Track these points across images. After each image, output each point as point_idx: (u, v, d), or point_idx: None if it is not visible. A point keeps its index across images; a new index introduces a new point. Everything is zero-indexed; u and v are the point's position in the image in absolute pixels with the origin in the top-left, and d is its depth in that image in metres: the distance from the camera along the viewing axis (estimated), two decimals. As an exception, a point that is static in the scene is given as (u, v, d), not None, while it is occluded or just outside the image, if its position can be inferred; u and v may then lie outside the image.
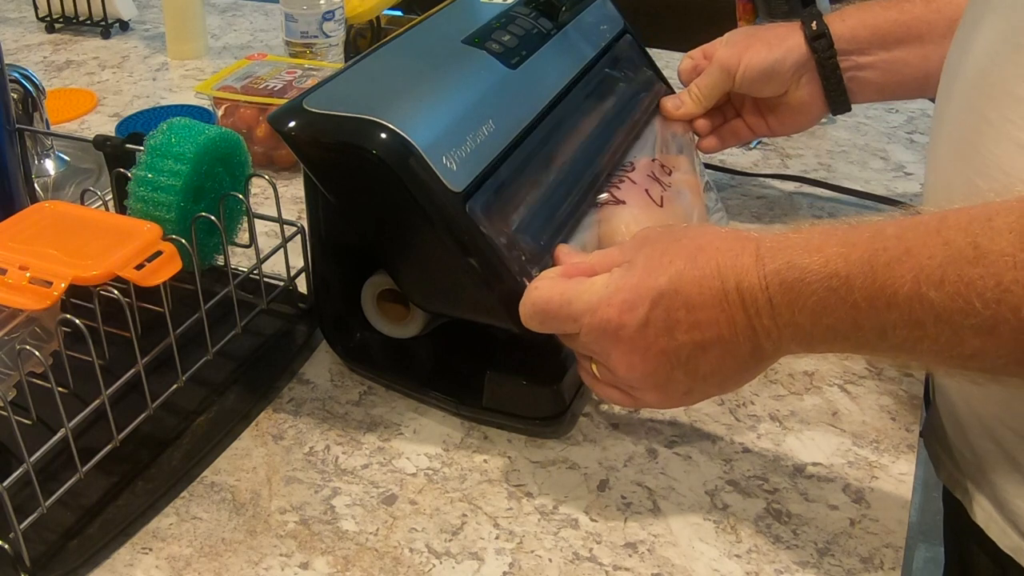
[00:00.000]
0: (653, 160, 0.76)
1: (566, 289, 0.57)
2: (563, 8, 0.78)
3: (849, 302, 0.48)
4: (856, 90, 0.82)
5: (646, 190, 0.72)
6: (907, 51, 0.64)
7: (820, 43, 0.80)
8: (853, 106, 0.83)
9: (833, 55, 0.80)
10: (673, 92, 0.88)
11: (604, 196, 0.70)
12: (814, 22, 0.80)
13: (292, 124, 0.59)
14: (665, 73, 0.91)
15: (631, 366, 0.55)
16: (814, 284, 0.49)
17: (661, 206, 0.72)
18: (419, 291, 0.65)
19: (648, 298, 0.53)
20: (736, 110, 0.88)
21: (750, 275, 0.51)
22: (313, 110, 0.59)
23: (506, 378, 0.64)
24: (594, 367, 0.58)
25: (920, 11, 0.64)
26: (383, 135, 0.57)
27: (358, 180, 0.60)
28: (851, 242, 0.49)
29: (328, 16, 1.08)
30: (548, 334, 0.58)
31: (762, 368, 0.55)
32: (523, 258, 0.61)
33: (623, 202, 0.70)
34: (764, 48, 0.81)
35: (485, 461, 0.63)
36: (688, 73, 0.86)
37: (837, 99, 0.83)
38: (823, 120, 0.96)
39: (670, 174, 0.75)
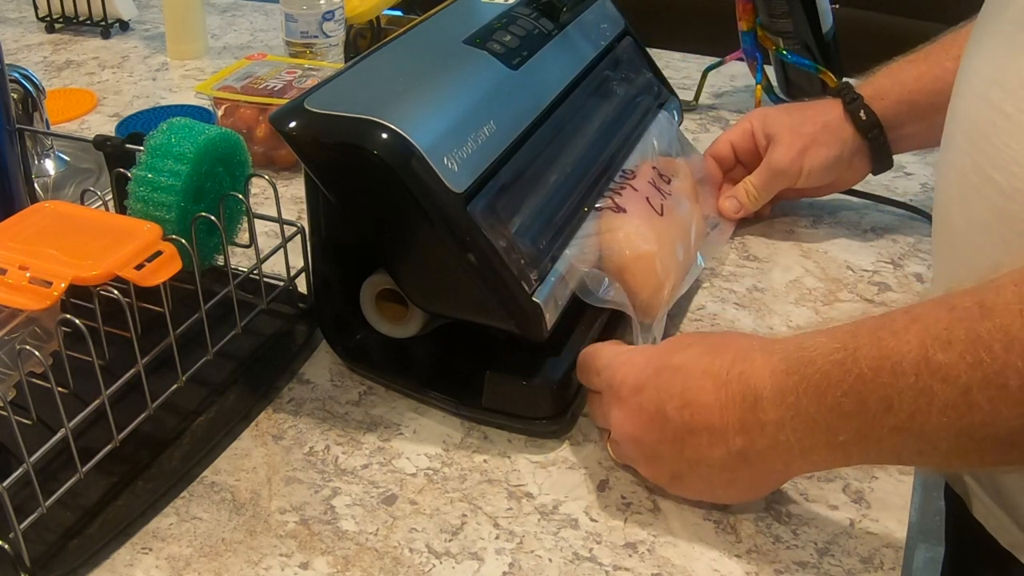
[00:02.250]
0: (653, 167, 0.76)
1: (601, 346, 0.63)
2: (564, 8, 0.78)
3: (854, 373, 0.47)
4: (897, 150, 0.85)
5: (647, 198, 0.72)
6: (944, 114, 0.65)
7: (874, 133, 0.82)
8: None
9: (885, 140, 0.82)
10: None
11: (605, 202, 0.70)
12: (862, 111, 0.81)
13: (293, 124, 0.59)
14: (665, 73, 0.91)
15: (622, 426, 0.58)
16: (819, 360, 0.49)
17: (661, 215, 0.71)
18: (419, 291, 0.65)
19: (653, 366, 0.56)
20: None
21: (756, 368, 0.52)
22: (314, 110, 0.59)
23: (506, 378, 0.64)
24: (609, 437, 0.61)
25: (952, 76, 0.64)
26: (384, 135, 0.57)
27: (359, 180, 0.60)
28: (860, 322, 0.49)
29: (328, 16, 1.08)
30: (548, 337, 0.59)
31: (759, 479, 0.55)
32: (522, 261, 0.61)
33: (624, 210, 0.70)
34: (823, 149, 0.83)
35: (485, 461, 0.63)
36: (718, 170, 0.87)
37: (883, 166, 0.85)
38: None
39: (669, 182, 0.75)
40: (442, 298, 0.65)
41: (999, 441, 0.45)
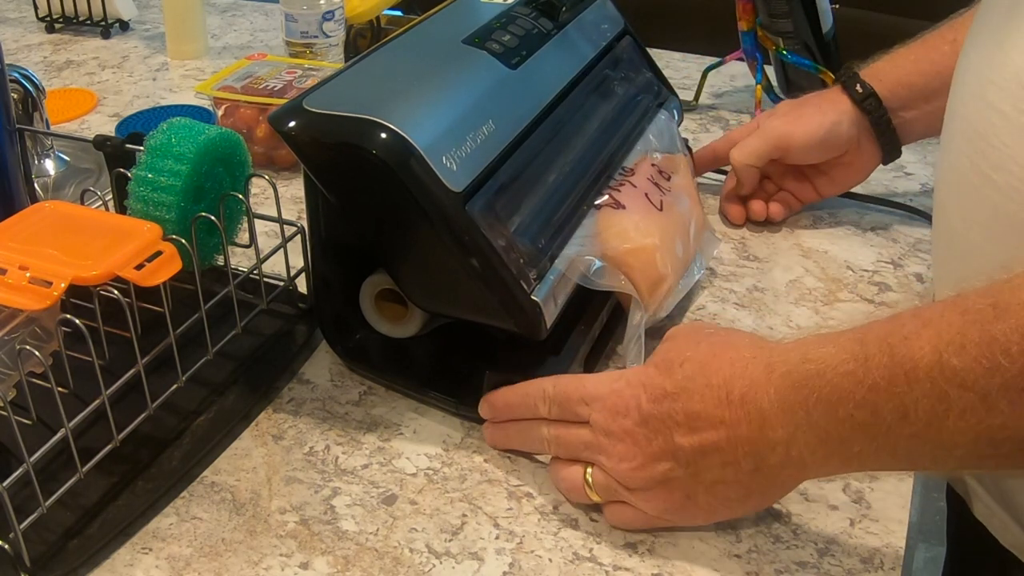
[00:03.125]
0: (653, 164, 0.76)
1: (582, 376, 0.60)
2: (563, 8, 0.78)
3: (867, 384, 0.46)
4: (904, 137, 0.84)
5: (646, 194, 0.72)
6: (945, 100, 0.65)
7: (870, 103, 0.82)
8: None
9: (885, 112, 0.82)
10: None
11: (604, 199, 0.70)
12: (857, 84, 0.82)
13: (292, 124, 0.59)
14: (665, 73, 0.91)
15: (630, 456, 0.54)
16: (828, 373, 0.47)
17: (661, 210, 0.72)
18: (418, 291, 0.65)
19: (651, 395, 0.54)
20: (776, 184, 0.89)
21: (758, 386, 0.50)
22: (313, 110, 0.59)
23: (505, 377, 0.64)
24: (587, 473, 0.57)
25: (950, 59, 0.64)
26: (383, 135, 0.57)
27: (358, 180, 0.60)
28: (866, 328, 0.48)
29: (328, 16, 1.08)
30: (547, 336, 0.59)
31: (774, 489, 0.54)
32: (522, 260, 0.61)
33: (623, 206, 0.70)
34: (817, 115, 0.83)
35: (485, 461, 0.63)
36: (707, 162, 0.89)
37: (891, 151, 0.85)
38: None
39: (669, 179, 0.75)
40: (441, 297, 0.65)
41: (1019, 444, 0.44)
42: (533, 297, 0.60)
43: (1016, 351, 0.42)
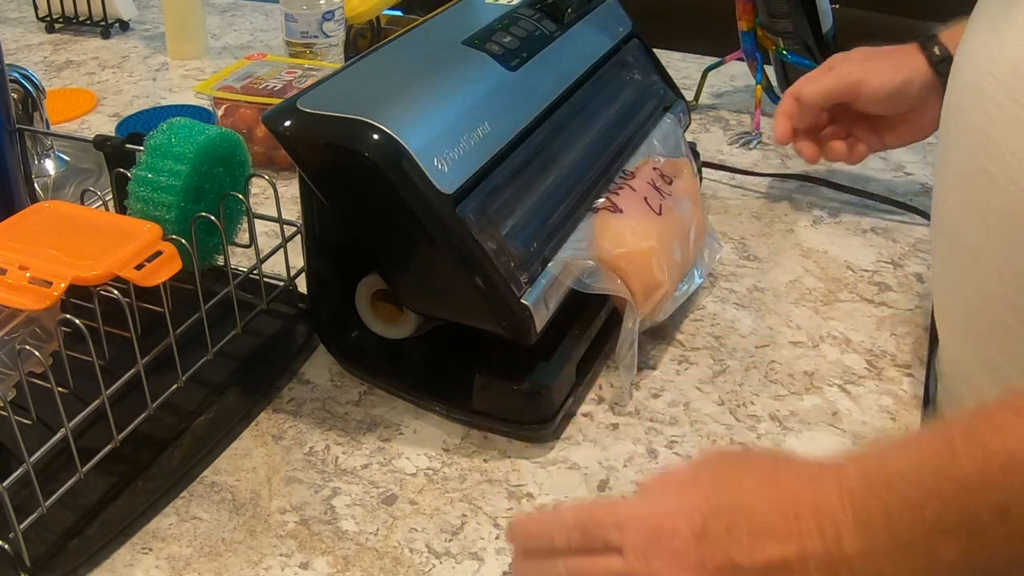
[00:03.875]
0: (655, 168, 0.76)
1: (610, 499, 0.52)
2: (568, 10, 0.77)
3: (956, 479, 0.40)
4: None
5: (645, 198, 0.71)
6: None
7: (943, 66, 0.80)
8: None
9: None
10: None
11: (601, 201, 0.70)
12: (936, 47, 0.81)
13: (285, 124, 0.59)
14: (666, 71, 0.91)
15: None
16: (910, 472, 0.42)
17: (660, 214, 0.71)
18: (409, 292, 0.65)
19: (707, 509, 0.46)
20: (845, 129, 0.88)
21: (830, 494, 0.44)
22: (306, 110, 0.59)
23: (495, 382, 0.64)
24: None
25: None
26: (374, 136, 0.57)
27: (350, 181, 0.60)
28: (948, 424, 0.44)
29: (328, 16, 1.08)
30: (537, 340, 0.57)
31: None
32: (512, 264, 0.61)
33: (621, 210, 0.70)
34: (891, 68, 0.82)
35: (485, 461, 0.63)
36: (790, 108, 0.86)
37: None
38: None
39: (671, 183, 0.75)
40: (432, 300, 0.65)
41: None
42: (523, 301, 0.60)
43: None
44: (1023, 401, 0.41)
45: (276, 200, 0.70)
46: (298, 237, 0.71)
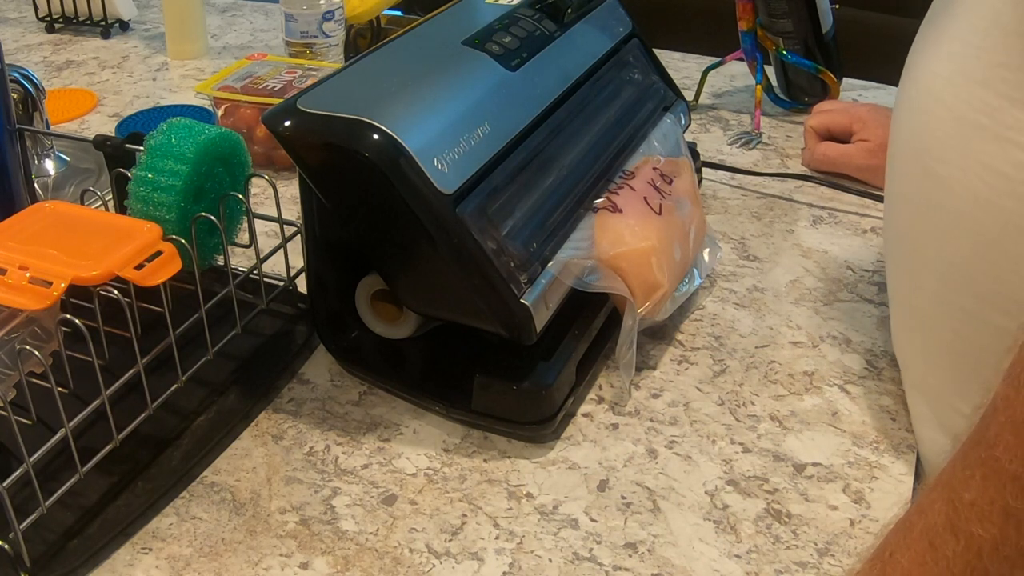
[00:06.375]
0: (654, 168, 0.76)
1: None
2: (568, 10, 0.78)
3: None
4: None
5: (644, 198, 0.71)
6: None
7: None
8: None
9: None
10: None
11: (601, 201, 0.70)
12: None
13: (285, 124, 0.59)
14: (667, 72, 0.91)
15: None
16: None
17: (659, 214, 0.71)
18: (409, 292, 0.65)
19: None
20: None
21: None
22: (306, 110, 0.59)
23: (495, 382, 0.64)
24: None
25: None
26: (374, 136, 0.57)
27: (349, 180, 0.60)
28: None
29: (328, 16, 1.08)
30: (537, 340, 0.57)
31: None
32: (512, 264, 0.61)
33: (620, 210, 0.70)
34: None
35: (485, 461, 0.63)
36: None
37: None
38: None
39: (671, 183, 0.75)
40: (431, 300, 0.65)
41: None
42: (523, 301, 0.60)
43: None
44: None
45: (276, 200, 0.70)
46: (298, 237, 0.71)
